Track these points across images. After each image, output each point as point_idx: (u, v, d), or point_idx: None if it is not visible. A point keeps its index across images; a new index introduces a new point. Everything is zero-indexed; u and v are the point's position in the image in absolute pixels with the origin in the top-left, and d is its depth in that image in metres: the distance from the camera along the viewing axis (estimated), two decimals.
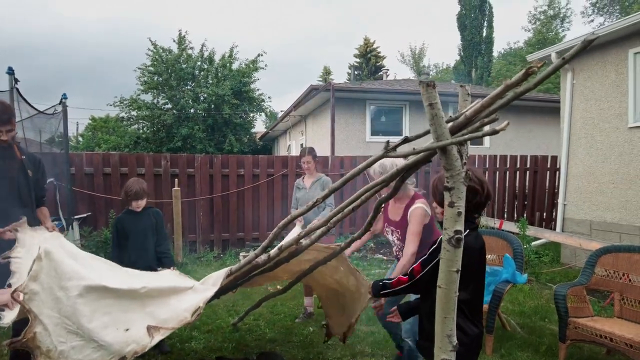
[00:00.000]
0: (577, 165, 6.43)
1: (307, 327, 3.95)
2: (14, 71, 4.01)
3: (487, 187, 1.91)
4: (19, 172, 2.70)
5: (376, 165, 2.64)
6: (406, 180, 2.50)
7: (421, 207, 2.66)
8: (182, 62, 17.88)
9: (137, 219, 3.43)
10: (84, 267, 1.96)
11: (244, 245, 7.54)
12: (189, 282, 2.40)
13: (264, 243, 1.87)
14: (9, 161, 2.65)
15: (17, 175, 2.69)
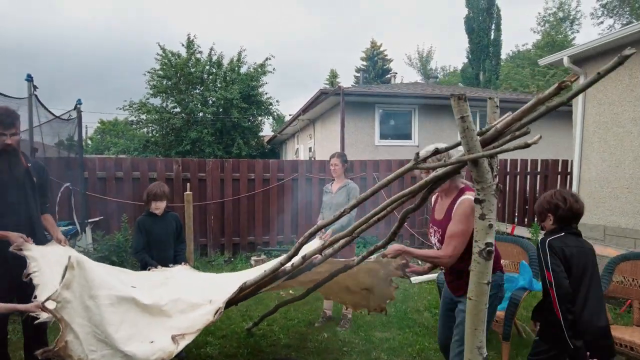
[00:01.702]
0: (590, 169, 6.38)
1: (321, 332, 3.96)
2: (32, 78, 4.07)
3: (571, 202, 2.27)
4: (25, 179, 2.70)
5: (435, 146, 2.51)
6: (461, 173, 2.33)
7: (469, 200, 2.20)
8: (190, 66, 18.00)
9: (158, 222, 3.48)
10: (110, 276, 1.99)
11: (254, 249, 7.57)
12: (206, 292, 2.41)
13: (290, 252, 1.87)
14: (15, 168, 2.64)
15: (24, 183, 2.69)
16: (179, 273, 3.13)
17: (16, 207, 2.64)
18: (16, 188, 2.66)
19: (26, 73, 3.97)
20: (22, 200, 2.68)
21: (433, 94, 11.00)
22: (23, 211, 2.67)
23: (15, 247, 2.46)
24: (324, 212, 4.21)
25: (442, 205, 2.49)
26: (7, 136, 2.55)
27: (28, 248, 2.49)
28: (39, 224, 2.80)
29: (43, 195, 2.90)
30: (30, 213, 2.73)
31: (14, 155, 2.65)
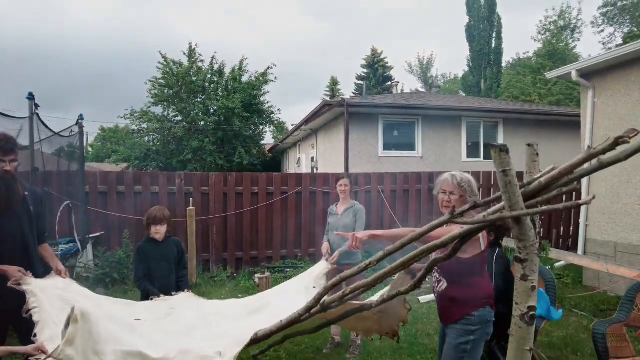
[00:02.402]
0: (600, 185, 6.27)
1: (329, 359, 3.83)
2: (34, 97, 3.97)
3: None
4: (22, 208, 2.59)
5: (457, 174, 2.46)
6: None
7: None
8: (192, 75, 17.97)
9: (159, 248, 3.38)
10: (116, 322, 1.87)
11: (257, 264, 7.44)
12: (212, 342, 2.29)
13: (310, 303, 1.73)
14: (13, 196, 2.52)
15: (20, 213, 2.57)
16: (183, 302, 3.01)
17: (13, 237, 2.53)
18: (13, 217, 2.55)
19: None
20: (19, 230, 2.57)
21: (437, 106, 10.93)
22: (19, 242, 2.56)
23: (13, 281, 2.35)
24: (329, 235, 4.10)
25: (445, 231, 2.43)
26: (7, 163, 2.44)
27: (27, 282, 2.38)
28: (37, 255, 2.69)
29: (41, 225, 2.79)
30: (27, 244, 2.62)
31: (12, 183, 2.53)
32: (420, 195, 8.21)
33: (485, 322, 2.33)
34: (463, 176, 2.44)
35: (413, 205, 8.14)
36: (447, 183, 2.45)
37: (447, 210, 2.38)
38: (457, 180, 2.42)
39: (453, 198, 2.40)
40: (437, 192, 2.53)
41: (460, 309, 2.32)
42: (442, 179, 2.52)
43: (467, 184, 2.40)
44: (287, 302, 2.98)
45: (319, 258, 7.70)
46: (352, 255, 3.89)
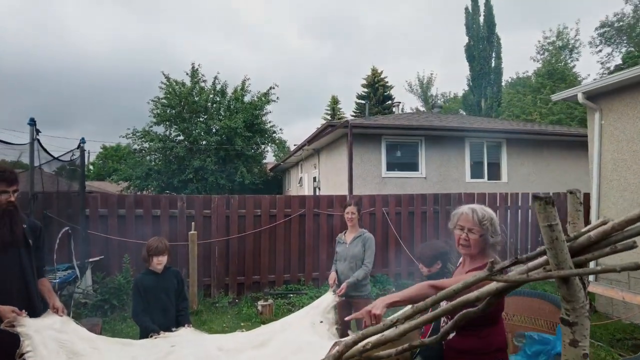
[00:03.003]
0: (610, 208, 6.16)
1: None
2: (35, 122, 3.91)
3: None
4: (21, 242, 2.49)
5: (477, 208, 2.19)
6: (496, 245, 2.15)
7: None
8: (194, 94, 18.07)
9: (158, 280, 3.25)
10: None
11: (259, 289, 7.26)
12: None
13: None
14: (16, 230, 2.42)
15: (20, 246, 2.47)
16: (184, 339, 2.87)
17: (12, 273, 2.42)
18: (13, 252, 2.44)
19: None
20: (18, 265, 2.46)
21: (441, 126, 10.91)
22: (19, 277, 2.44)
23: (7, 323, 2.21)
24: (337, 264, 3.96)
25: (462, 271, 2.26)
26: (10, 193, 2.38)
27: (22, 324, 2.24)
28: (37, 291, 2.57)
29: (39, 259, 2.68)
30: (27, 279, 2.50)
31: (16, 215, 2.46)
32: (426, 217, 8.08)
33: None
34: (485, 212, 2.15)
35: (418, 227, 8.01)
36: (465, 218, 2.17)
37: (464, 249, 2.21)
38: (477, 217, 2.12)
39: (472, 237, 2.13)
40: (452, 227, 2.25)
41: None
42: (459, 213, 2.22)
43: (489, 222, 2.13)
44: (292, 337, 2.84)
45: (322, 282, 7.57)
46: (360, 287, 3.75)
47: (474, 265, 2.18)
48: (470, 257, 2.23)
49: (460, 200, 8.26)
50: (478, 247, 2.16)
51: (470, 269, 2.18)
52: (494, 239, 2.17)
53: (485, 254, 2.20)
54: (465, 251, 2.23)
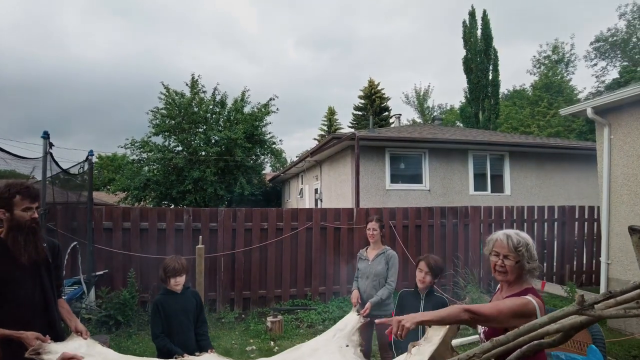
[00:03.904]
0: (621, 222, 6.15)
1: None
2: (49, 135, 3.82)
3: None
4: (42, 261, 2.40)
5: (512, 234, 2.13)
6: (534, 270, 2.09)
7: (528, 300, 1.98)
8: (194, 105, 18.04)
9: (178, 301, 3.14)
10: None
11: (265, 303, 7.14)
12: None
13: None
14: (37, 248, 2.32)
15: (40, 266, 2.38)
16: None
17: (32, 293, 2.32)
18: (34, 271, 2.35)
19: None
20: (39, 285, 2.36)
21: (447, 139, 10.93)
22: (40, 298, 2.35)
23: (32, 351, 2.11)
24: (359, 281, 3.88)
25: (500, 297, 2.22)
26: (34, 210, 2.31)
27: (47, 350, 2.15)
28: (57, 313, 2.47)
29: (58, 278, 2.59)
30: (48, 300, 2.40)
31: (39, 232, 2.38)
32: (433, 230, 8.02)
33: None
34: (520, 238, 2.11)
35: (425, 241, 7.95)
36: (500, 245, 2.14)
37: (500, 276, 2.17)
38: (512, 243, 2.09)
39: (508, 263, 2.10)
40: (488, 252, 2.22)
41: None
42: (494, 239, 2.19)
43: (524, 247, 2.08)
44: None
45: (329, 297, 7.46)
46: (384, 307, 3.67)
47: (512, 292, 2.14)
48: (508, 284, 2.19)
49: (467, 213, 8.23)
50: (514, 273, 2.13)
51: (507, 295, 2.14)
52: (531, 265, 2.12)
53: (522, 279, 2.16)
54: (501, 277, 2.20)
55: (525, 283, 2.14)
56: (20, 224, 2.27)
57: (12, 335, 2.09)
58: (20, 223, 2.27)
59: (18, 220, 2.26)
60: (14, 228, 2.28)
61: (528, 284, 2.14)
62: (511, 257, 2.10)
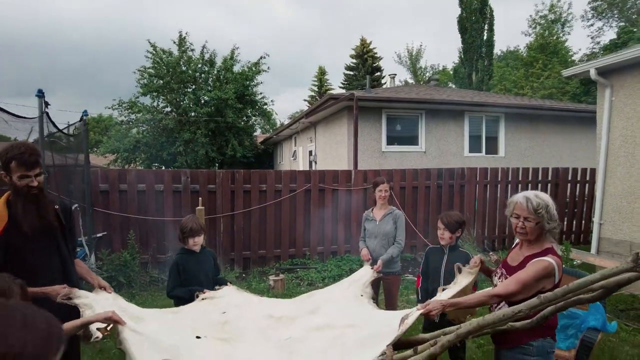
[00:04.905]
0: (616, 184, 6.26)
1: None
2: (44, 94, 3.64)
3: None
4: (56, 226, 2.34)
5: (532, 196, 2.17)
6: (554, 230, 2.16)
7: (548, 262, 2.05)
8: (182, 64, 17.43)
9: (198, 261, 3.15)
10: None
11: (265, 263, 7.25)
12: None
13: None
14: (45, 214, 2.25)
15: (55, 230, 2.33)
16: (232, 303, 2.84)
17: (49, 260, 2.28)
18: (48, 236, 2.29)
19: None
20: (55, 251, 2.31)
21: (444, 100, 10.80)
22: (57, 264, 2.31)
23: (63, 295, 2.13)
24: (368, 241, 3.93)
25: (519, 254, 2.28)
26: (32, 178, 2.16)
27: (77, 295, 2.17)
28: (76, 274, 2.45)
29: (73, 240, 2.54)
30: (66, 262, 2.37)
31: (42, 199, 2.26)
32: (429, 192, 8.10)
33: (545, 354, 2.10)
34: (540, 200, 2.14)
35: (422, 202, 8.04)
36: (520, 207, 2.17)
37: (521, 236, 2.24)
38: (532, 206, 2.13)
39: (528, 225, 2.14)
40: (509, 215, 2.26)
41: (517, 335, 2.08)
42: (514, 201, 2.23)
43: (544, 210, 2.12)
44: (341, 307, 2.86)
45: (327, 257, 7.60)
46: (392, 264, 3.77)
47: (532, 251, 2.20)
48: (528, 242, 2.23)
49: (463, 174, 8.30)
50: (535, 234, 2.19)
51: (528, 254, 2.20)
52: (551, 225, 2.17)
53: (542, 239, 2.21)
54: (522, 238, 2.27)
55: (546, 242, 2.19)
56: (18, 190, 2.16)
57: (38, 292, 2.08)
58: (18, 190, 2.17)
59: (16, 187, 2.16)
60: (15, 194, 2.19)
61: (548, 244, 2.19)
62: (531, 219, 2.14)
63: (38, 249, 2.23)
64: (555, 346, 2.20)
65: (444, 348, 1.51)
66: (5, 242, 2.12)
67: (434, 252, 3.32)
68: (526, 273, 2.06)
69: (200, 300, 2.80)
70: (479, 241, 8.16)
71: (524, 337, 2.08)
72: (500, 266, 2.39)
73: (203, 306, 2.75)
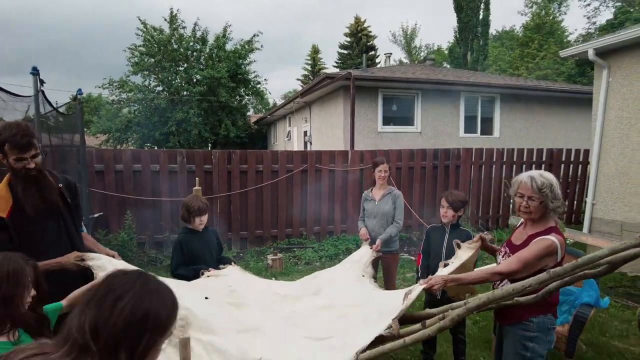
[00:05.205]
0: (609, 165, 6.35)
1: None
2: (38, 71, 3.55)
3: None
4: (62, 203, 2.33)
5: (536, 175, 2.20)
6: (558, 209, 2.19)
7: (550, 240, 2.08)
8: (174, 42, 17.04)
9: (201, 240, 3.16)
10: None
11: (262, 243, 7.30)
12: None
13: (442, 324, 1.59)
14: (48, 194, 2.23)
15: (60, 209, 2.32)
16: (237, 280, 2.89)
17: (58, 239, 2.27)
18: (54, 215, 2.28)
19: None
20: (63, 230, 2.31)
21: (439, 80, 10.72)
22: (65, 243, 2.31)
23: (76, 257, 2.19)
24: (367, 221, 3.96)
25: (523, 233, 2.32)
26: (28, 160, 2.11)
27: (90, 257, 2.23)
28: (84, 250, 2.46)
29: (78, 215, 2.53)
30: (73, 239, 2.38)
31: (42, 180, 2.22)
32: (425, 172, 8.14)
33: (546, 330, 2.17)
34: (544, 179, 2.17)
35: (417, 182, 8.09)
36: (524, 187, 2.21)
37: (525, 215, 2.27)
38: (537, 185, 2.15)
39: (532, 204, 2.18)
40: (513, 194, 2.29)
41: (518, 311, 2.16)
42: (518, 181, 2.26)
43: (548, 189, 2.15)
44: (343, 288, 2.93)
45: (323, 236, 7.66)
46: (390, 243, 3.82)
47: (536, 230, 2.24)
48: (532, 221, 2.27)
49: (459, 155, 8.34)
50: (539, 212, 2.23)
51: (532, 233, 2.24)
52: (554, 204, 2.20)
53: (546, 218, 2.25)
54: (526, 216, 2.31)
55: (550, 221, 2.23)
56: (16, 173, 2.13)
57: (52, 263, 2.10)
58: (16, 172, 2.13)
59: (14, 169, 2.13)
60: (14, 176, 2.16)
61: (552, 222, 2.23)
62: (535, 198, 2.17)
63: (45, 229, 2.22)
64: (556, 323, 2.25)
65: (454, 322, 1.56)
66: (13, 224, 2.10)
67: (435, 231, 3.36)
68: (528, 252, 2.11)
69: (206, 278, 2.83)
70: (473, 221, 8.28)
71: (525, 313, 2.15)
72: (505, 245, 2.43)
73: (209, 282, 2.79)
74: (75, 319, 0.93)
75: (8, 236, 2.09)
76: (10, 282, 1.45)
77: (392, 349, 1.71)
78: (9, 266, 1.48)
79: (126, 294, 0.94)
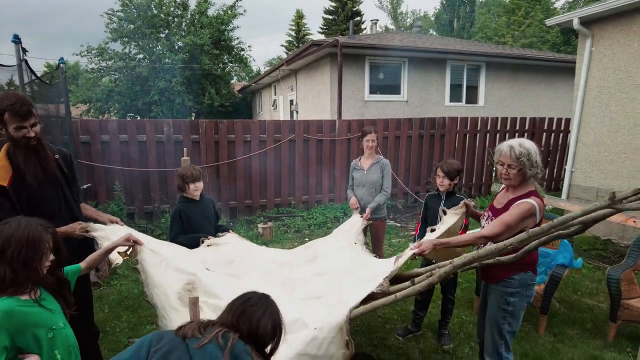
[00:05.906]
0: (589, 133, 6.55)
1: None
2: (20, 40, 3.45)
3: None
4: (59, 174, 2.36)
5: (515, 145, 2.33)
6: (537, 175, 2.35)
7: (530, 204, 2.24)
8: (153, 7, 16.38)
9: (199, 209, 3.23)
10: None
11: (251, 212, 7.41)
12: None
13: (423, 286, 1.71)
14: (46, 165, 2.26)
15: (58, 180, 2.35)
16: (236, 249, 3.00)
17: (58, 208, 2.32)
18: (52, 186, 2.32)
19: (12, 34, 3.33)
20: (62, 200, 2.35)
21: (426, 48, 10.67)
22: (65, 212, 2.36)
23: (81, 228, 2.26)
24: (356, 190, 4.07)
25: (504, 197, 2.50)
26: (28, 129, 2.13)
27: (94, 228, 2.30)
28: (83, 219, 2.51)
29: (76, 186, 2.57)
30: (72, 209, 2.43)
31: (41, 150, 2.25)
32: (411, 141, 8.26)
33: (526, 285, 2.37)
34: (522, 148, 2.31)
35: (403, 150, 8.21)
36: (504, 155, 2.36)
37: (505, 182, 2.43)
38: (515, 154, 2.30)
39: (511, 172, 2.33)
40: (496, 161, 2.45)
41: (501, 271, 2.36)
42: (499, 149, 2.41)
43: (525, 157, 2.29)
44: (337, 255, 3.07)
45: (311, 205, 7.81)
46: (378, 210, 3.95)
47: (517, 194, 2.41)
48: (513, 187, 2.43)
49: (444, 124, 8.46)
50: (518, 179, 2.39)
51: (512, 197, 2.42)
52: (532, 171, 2.36)
53: (526, 183, 2.41)
54: (507, 183, 2.47)
55: (529, 186, 2.39)
56: (17, 142, 2.15)
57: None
58: (16, 142, 2.15)
59: (14, 138, 2.14)
60: (14, 146, 2.17)
61: (531, 187, 2.40)
62: (514, 166, 2.33)
63: (46, 198, 2.26)
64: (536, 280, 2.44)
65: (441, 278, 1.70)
66: (15, 193, 2.14)
67: (432, 199, 3.50)
68: (510, 215, 2.27)
69: (206, 247, 2.92)
70: (456, 188, 8.50)
71: (506, 272, 2.34)
72: (487, 209, 2.60)
73: (208, 255, 2.88)
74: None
75: (11, 204, 2.12)
76: (29, 248, 1.52)
77: (384, 304, 1.86)
78: (29, 233, 1.54)
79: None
